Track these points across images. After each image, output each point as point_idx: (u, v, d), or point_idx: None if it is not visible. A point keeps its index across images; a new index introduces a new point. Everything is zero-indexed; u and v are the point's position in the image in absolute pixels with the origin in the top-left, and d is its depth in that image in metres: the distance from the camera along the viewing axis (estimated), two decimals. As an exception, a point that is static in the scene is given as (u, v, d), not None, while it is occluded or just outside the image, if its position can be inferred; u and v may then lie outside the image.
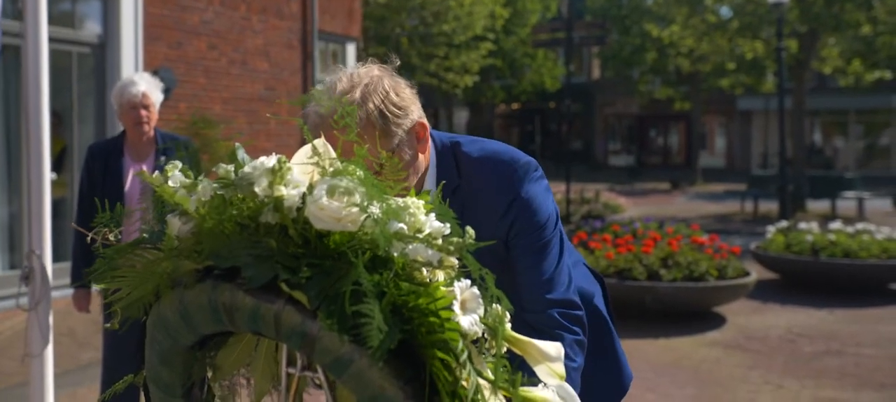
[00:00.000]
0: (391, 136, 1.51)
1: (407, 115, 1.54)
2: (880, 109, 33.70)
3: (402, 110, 1.53)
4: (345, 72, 1.55)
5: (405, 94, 1.56)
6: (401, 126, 1.53)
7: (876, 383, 4.75)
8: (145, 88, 3.44)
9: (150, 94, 3.46)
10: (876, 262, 7.36)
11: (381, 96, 1.52)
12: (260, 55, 10.41)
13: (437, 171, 1.63)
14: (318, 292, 1.09)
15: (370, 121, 1.49)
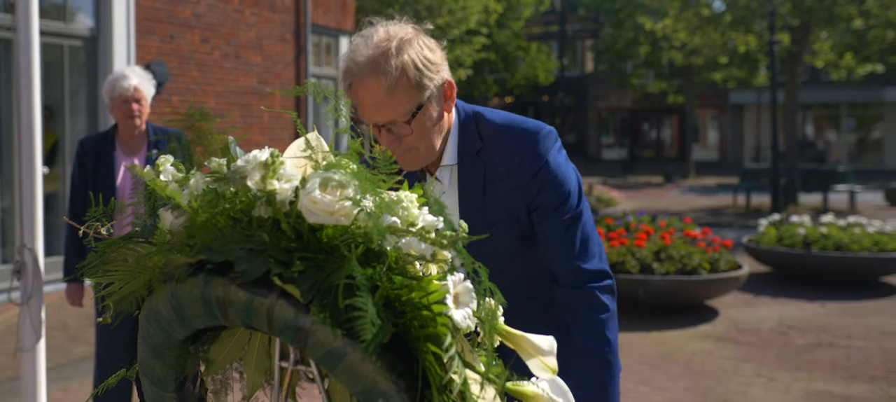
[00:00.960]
0: (423, 89, 1.54)
1: (438, 71, 1.58)
2: (872, 102, 33.82)
3: (434, 65, 1.57)
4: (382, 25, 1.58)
5: (437, 51, 1.60)
6: (432, 80, 1.56)
7: (866, 375, 4.78)
8: (137, 81, 3.44)
9: (142, 87, 3.45)
10: (867, 255, 7.39)
11: (417, 50, 1.55)
12: (253, 48, 10.38)
13: (460, 135, 1.66)
14: (311, 286, 1.09)
15: (405, 72, 1.52)
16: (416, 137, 1.57)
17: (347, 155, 1.33)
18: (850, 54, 18.22)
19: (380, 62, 1.50)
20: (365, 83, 1.51)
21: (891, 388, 4.54)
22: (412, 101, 1.54)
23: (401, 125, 1.55)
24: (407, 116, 1.53)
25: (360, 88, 1.53)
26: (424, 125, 1.57)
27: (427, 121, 1.57)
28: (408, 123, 1.54)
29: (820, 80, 32.95)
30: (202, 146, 7.42)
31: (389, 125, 1.55)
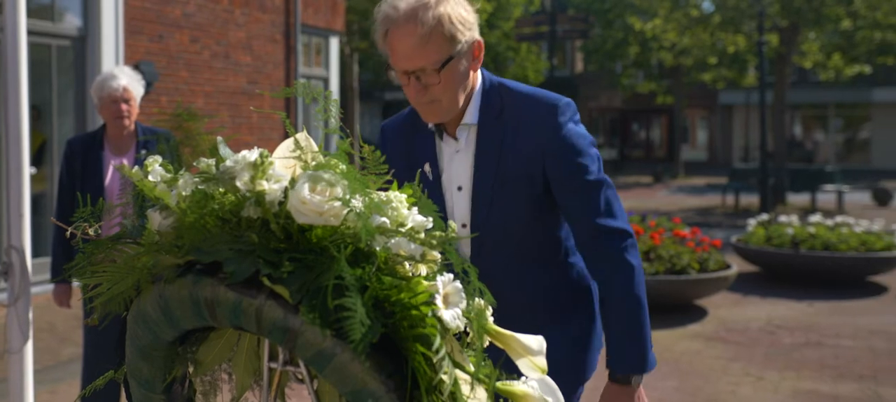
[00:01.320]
0: (455, 42, 1.63)
1: (470, 29, 1.66)
2: (860, 103, 34.02)
3: (467, 23, 1.65)
4: None
5: (471, 12, 1.68)
6: (464, 36, 1.64)
7: (855, 374, 4.81)
8: (126, 81, 3.43)
9: (131, 88, 3.45)
10: (855, 255, 7.43)
11: (453, 5, 1.63)
12: (243, 49, 10.35)
13: (483, 99, 1.74)
14: (300, 287, 1.09)
15: (440, 23, 1.60)
16: (442, 87, 1.64)
17: (337, 155, 1.33)
18: (838, 55, 18.33)
19: (418, 12, 1.59)
20: (401, 30, 1.60)
21: (879, 387, 4.57)
22: (443, 51, 1.61)
23: (430, 73, 1.62)
24: (437, 65, 1.61)
25: (395, 35, 1.61)
26: (452, 77, 1.64)
27: (455, 74, 1.65)
28: (437, 71, 1.61)
29: (808, 80, 33.13)
30: (191, 146, 7.39)
31: (419, 73, 1.63)
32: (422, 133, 1.79)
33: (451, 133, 1.76)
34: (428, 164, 1.78)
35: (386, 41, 1.65)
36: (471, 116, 1.73)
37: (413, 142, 1.81)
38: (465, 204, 1.75)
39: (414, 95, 1.67)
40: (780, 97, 16.89)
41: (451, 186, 1.77)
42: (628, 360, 1.70)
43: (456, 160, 1.76)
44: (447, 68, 1.63)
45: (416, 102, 1.69)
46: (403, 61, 1.62)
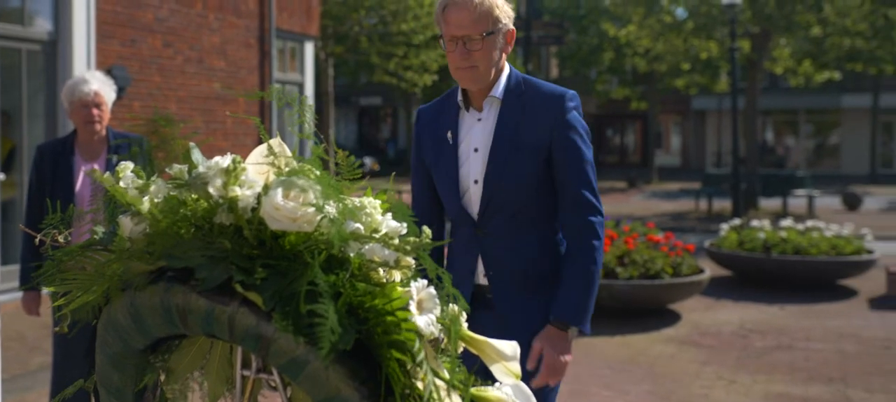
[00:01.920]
0: (497, 22, 2.04)
1: (509, 18, 2.09)
2: (829, 108, 34.52)
3: (506, 12, 2.07)
4: None
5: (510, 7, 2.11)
6: (504, 20, 2.06)
7: (824, 377, 4.87)
8: (97, 86, 3.40)
9: (103, 92, 3.42)
10: (825, 258, 7.53)
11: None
12: (217, 53, 10.28)
13: (508, 81, 2.12)
14: (274, 293, 1.08)
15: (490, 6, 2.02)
16: (481, 55, 2.03)
17: (311, 161, 1.33)
18: (808, 61, 18.58)
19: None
20: (459, 5, 2.01)
21: (848, 389, 4.63)
22: (488, 25, 2.02)
23: (475, 41, 2.01)
24: (482, 34, 2.01)
25: (453, 10, 2.02)
26: (490, 47, 2.04)
27: (493, 45, 2.04)
28: (482, 38, 2.01)
29: (779, 86, 33.57)
30: (164, 152, 7.29)
31: (466, 39, 2.02)
32: (447, 111, 2.18)
33: (476, 105, 2.13)
34: (450, 132, 2.14)
35: (443, 15, 2.05)
36: (498, 91, 2.10)
37: (440, 118, 2.19)
38: (480, 163, 2.09)
39: (458, 60, 2.03)
40: (752, 103, 17.09)
41: (468, 149, 2.12)
42: (571, 310, 2.04)
43: (476, 128, 2.12)
44: (489, 39, 2.02)
45: (458, 67, 2.05)
46: (456, 29, 2.02)
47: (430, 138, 2.19)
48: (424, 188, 2.23)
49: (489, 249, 2.11)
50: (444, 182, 2.15)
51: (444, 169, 2.14)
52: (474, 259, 2.13)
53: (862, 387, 4.66)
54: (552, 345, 2.02)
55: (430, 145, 2.18)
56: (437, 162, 2.16)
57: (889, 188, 25.43)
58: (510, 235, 2.10)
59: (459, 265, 2.14)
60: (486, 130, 2.10)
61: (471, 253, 2.13)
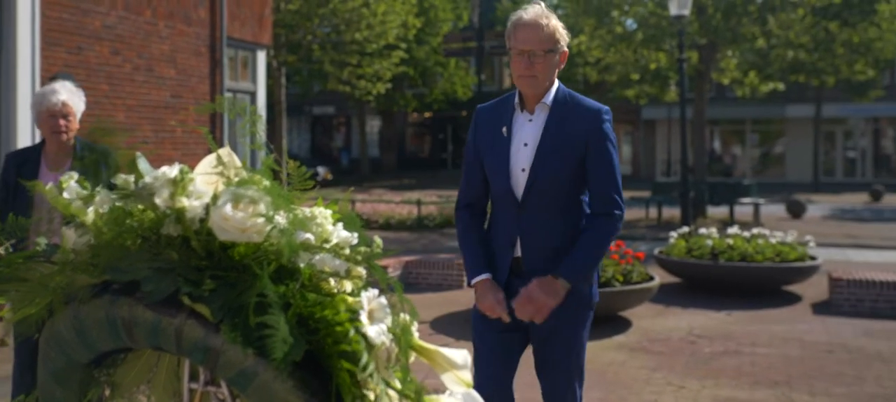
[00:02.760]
0: (556, 43, 2.53)
1: (565, 40, 2.56)
2: (774, 118, 35.40)
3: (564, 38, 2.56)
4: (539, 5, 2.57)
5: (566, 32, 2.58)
6: (561, 43, 2.54)
7: (770, 381, 4.98)
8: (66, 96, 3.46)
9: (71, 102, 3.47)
10: (770, 265, 7.71)
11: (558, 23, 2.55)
12: (166, 62, 10.13)
13: (556, 93, 2.59)
14: (222, 305, 1.07)
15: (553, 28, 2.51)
16: (541, 66, 2.50)
17: (261, 171, 1.32)
18: (753, 73, 19.04)
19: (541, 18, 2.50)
20: (529, 26, 2.49)
21: (792, 392, 4.75)
22: (550, 44, 2.51)
23: (538, 55, 2.49)
24: (545, 49, 2.49)
25: (523, 28, 2.50)
26: (549, 61, 2.51)
27: (551, 61, 2.52)
28: (544, 54, 2.49)
29: (726, 97, 34.31)
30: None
31: (531, 53, 2.49)
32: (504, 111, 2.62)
33: (529, 108, 2.59)
34: (505, 127, 2.59)
35: (513, 32, 2.53)
36: (548, 99, 2.57)
37: (497, 117, 2.63)
38: (529, 155, 2.54)
39: (522, 69, 2.51)
40: (700, 113, 17.44)
41: (519, 143, 2.56)
42: (567, 266, 2.48)
43: (527, 126, 2.57)
44: (549, 55, 2.50)
45: (521, 75, 2.53)
46: (524, 44, 2.50)
47: (487, 131, 2.63)
48: (478, 171, 2.64)
49: (527, 225, 2.55)
50: (496, 167, 2.58)
51: (497, 157, 2.58)
52: (515, 234, 2.56)
53: (806, 390, 4.78)
54: (540, 285, 2.47)
55: (486, 137, 2.62)
56: (492, 150, 2.59)
57: (831, 196, 26.17)
58: (545, 215, 2.55)
59: (501, 239, 2.60)
60: (536, 129, 2.56)
61: (511, 228, 2.57)
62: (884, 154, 35.58)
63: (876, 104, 31.69)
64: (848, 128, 35.34)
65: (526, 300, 2.46)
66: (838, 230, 15.03)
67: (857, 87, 27.29)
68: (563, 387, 2.62)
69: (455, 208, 2.72)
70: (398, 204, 16.98)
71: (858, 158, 35.52)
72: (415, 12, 26.32)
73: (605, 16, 17.56)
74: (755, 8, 16.36)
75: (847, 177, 35.06)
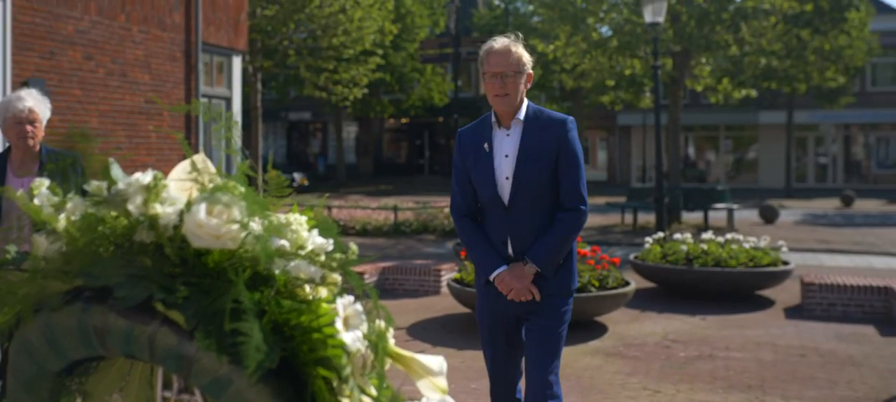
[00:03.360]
0: (524, 65, 2.95)
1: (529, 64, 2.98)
2: (747, 124, 35.80)
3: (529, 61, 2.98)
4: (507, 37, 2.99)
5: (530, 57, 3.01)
6: (528, 66, 2.97)
7: (743, 385, 5.03)
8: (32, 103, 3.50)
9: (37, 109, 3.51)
10: (744, 270, 7.78)
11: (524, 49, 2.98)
12: (140, 67, 10.04)
13: (527, 109, 3.00)
14: (196, 312, 1.06)
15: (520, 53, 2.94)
16: (512, 86, 2.92)
17: (235, 177, 1.31)
18: (726, 80, 19.23)
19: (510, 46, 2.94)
20: (499, 52, 2.92)
21: (765, 396, 4.80)
22: (518, 67, 2.93)
23: (509, 76, 2.91)
24: (514, 71, 2.91)
25: (495, 54, 2.93)
26: (518, 82, 2.93)
27: (520, 82, 2.95)
28: (514, 74, 2.91)
29: (700, 103, 34.64)
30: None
31: (503, 75, 2.90)
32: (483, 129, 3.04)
33: (505, 125, 3.00)
34: (487, 143, 3.01)
35: (486, 58, 2.95)
36: (520, 115, 2.99)
37: (477, 136, 3.05)
38: (510, 165, 2.96)
39: (496, 89, 2.92)
40: (675, 119, 17.59)
41: (501, 156, 2.98)
42: (535, 253, 2.93)
43: (506, 140, 2.99)
44: (518, 75, 2.93)
45: (495, 95, 2.93)
46: (496, 67, 2.91)
47: (471, 149, 3.05)
48: (468, 184, 3.06)
49: (514, 224, 2.97)
50: (483, 178, 2.99)
51: (483, 169, 2.99)
52: (505, 234, 2.99)
53: (778, 394, 4.83)
54: (511, 271, 2.95)
55: (470, 154, 3.04)
56: (477, 164, 3.01)
57: (803, 202, 26.49)
58: (529, 214, 2.96)
59: (493, 239, 3.01)
60: (514, 141, 2.98)
61: (501, 229, 2.99)
62: (854, 160, 36.10)
63: (846, 111, 32.17)
64: (819, 134, 35.83)
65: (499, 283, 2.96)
66: (810, 235, 15.22)
67: (828, 94, 27.67)
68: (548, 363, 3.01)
69: (455, 218, 3.14)
70: (375, 210, 16.94)
71: (830, 164, 36.01)
72: (391, 18, 26.32)
73: (580, 23, 17.66)
74: (728, 15, 16.54)
75: (818, 183, 35.54)
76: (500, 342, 3.10)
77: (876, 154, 35.87)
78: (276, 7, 20.10)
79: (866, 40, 25.93)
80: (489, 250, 3.00)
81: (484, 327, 3.13)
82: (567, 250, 3.00)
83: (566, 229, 2.95)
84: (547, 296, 2.98)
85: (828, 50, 23.90)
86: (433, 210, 16.64)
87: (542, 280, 2.98)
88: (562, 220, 2.96)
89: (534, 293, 2.96)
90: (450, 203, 3.16)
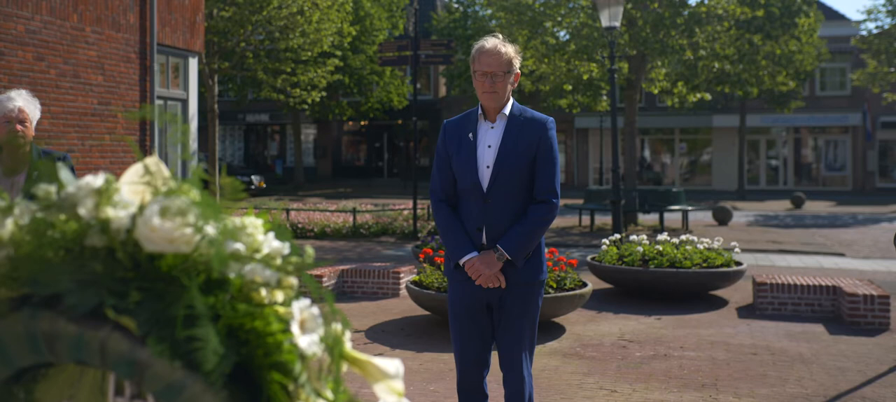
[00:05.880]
0: (512, 65, 3.13)
1: (518, 64, 3.17)
2: (702, 128, 36.41)
3: (517, 59, 3.16)
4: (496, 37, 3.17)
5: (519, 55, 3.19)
6: (516, 65, 3.14)
7: (697, 383, 5.12)
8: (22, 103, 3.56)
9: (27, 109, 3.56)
10: (698, 271, 7.92)
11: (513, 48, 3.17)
12: (94, 68, 9.85)
13: (512, 106, 3.19)
14: (149, 317, 1.05)
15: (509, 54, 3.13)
16: (500, 84, 3.11)
17: (190, 181, 1.30)
18: (681, 83, 19.54)
19: (499, 46, 3.11)
20: (490, 52, 3.10)
21: (718, 394, 4.89)
22: (507, 66, 3.11)
23: (498, 75, 3.09)
24: (503, 70, 3.10)
25: (485, 54, 3.11)
26: (506, 80, 3.12)
27: (508, 80, 3.13)
28: (503, 74, 3.10)
29: (656, 106, 35.13)
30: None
31: (493, 74, 3.09)
32: (469, 122, 3.21)
33: (491, 119, 3.18)
34: (471, 134, 3.18)
35: (477, 57, 3.13)
36: (506, 111, 3.17)
37: (462, 127, 3.22)
38: (493, 155, 3.13)
39: (486, 87, 3.10)
40: (631, 122, 17.81)
41: (484, 146, 3.16)
42: (506, 242, 3.08)
43: (490, 132, 3.17)
44: (507, 74, 3.11)
45: (485, 91, 3.11)
46: (487, 67, 3.10)
47: (454, 138, 3.21)
48: (448, 170, 3.20)
49: (491, 211, 3.12)
50: (464, 166, 3.14)
51: (465, 157, 3.15)
52: (481, 222, 3.13)
53: (731, 392, 4.92)
54: (481, 259, 3.09)
55: (454, 142, 3.19)
56: (460, 152, 3.16)
57: (755, 203, 27.03)
58: (505, 202, 3.12)
59: (469, 226, 3.15)
60: (497, 134, 3.16)
61: (478, 217, 3.14)
62: (804, 163, 36.96)
63: (796, 115, 32.93)
64: (771, 137, 36.61)
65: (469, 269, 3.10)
66: (762, 236, 15.54)
67: (779, 98, 28.29)
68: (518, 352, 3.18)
69: (433, 201, 3.26)
70: (334, 213, 16.85)
71: (780, 166, 36.81)
72: (350, 20, 26.22)
73: (538, 27, 17.80)
74: (683, 20, 16.81)
75: (770, 185, 36.30)
76: (469, 327, 3.19)
77: (825, 157, 36.78)
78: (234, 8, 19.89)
79: (815, 46, 26.59)
80: (462, 236, 3.13)
81: (454, 314, 3.22)
82: (537, 242, 3.14)
83: (538, 220, 3.10)
84: (515, 285, 3.12)
85: (779, 55, 24.42)
86: (392, 213, 16.61)
87: (510, 269, 3.10)
88: (534, 211, 3.11)
89: (501, 281, 3.09)
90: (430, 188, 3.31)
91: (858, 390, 5.00)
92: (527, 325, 3.20)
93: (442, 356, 5.70)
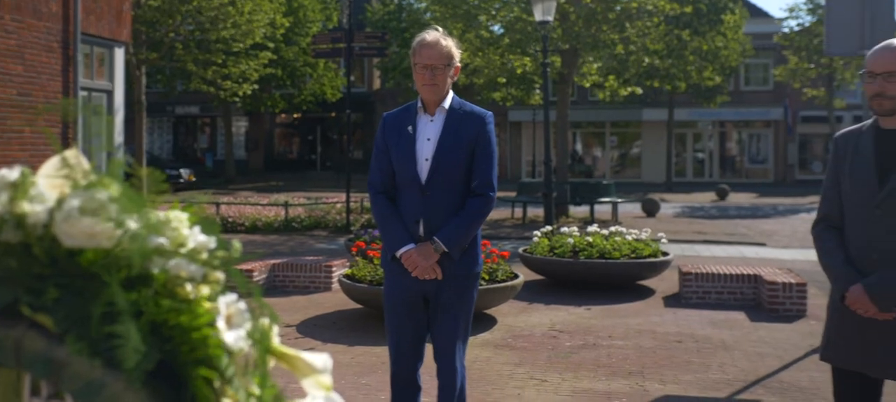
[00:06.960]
0: (452, 58, 3.17)
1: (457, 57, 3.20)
2: (632, 121, 37.17)
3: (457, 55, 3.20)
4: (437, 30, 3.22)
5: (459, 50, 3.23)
6: (455, 58, 3.19)
7: (625, 371, 5.24)
8: None
9: None
10: (626, 261, 8.10)
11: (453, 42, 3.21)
12: (13, 57, 9.49)
13: (451, 100, 3.23)
14: (67, 315, 1.03)
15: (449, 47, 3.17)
16: (440, 77, 3.14)
17: (111, 174, 1.28)
18: (613, 77, 19.91)
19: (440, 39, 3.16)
20: (430, 45, 3.14)
21: (645, 382, 5.02)
22: (447, 60, 3.15)
23: (438, 68, 3.13)
24: (443, 63, 3.13)
25: (426, 48, 3.14)
26: (446, 73, 3.15)
27: (448, 72, 3.16)
28: (443, 67, 3.13)
29: (587, 100, 35.70)
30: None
31: (433, 67, 3.11)
32: (409, 115, 3.24)
33: (430, 112, 3.22)
34: (411, 126, 3.20)
35: (419, 50, 3.15)
36: (445, 104, 3.21)
37: (402, 120, 3.24)
38: (432, 148, 3.16)
39: (426, 79, 3.13)
40: (563, 116, 18.06)
41: (423, 139, 3.18)
42: (444, 234, 3.12)
43: (430, 125, 3.20)
44: (447, 68, 3.15)
45: (425, 84, 3.14)
46: (427, 59, 3.12)
47: (394, 131, 3.22)
48: (387, 163, 3.22)
49: (429, 204, 3.15)
50: (403, 158, 3.16)
51: (404, 150, 3.16)
52: (419, 214, 3.16)
53: (657, 379, 5.06)
54: (419, 250, 3.12)
55: (393, 135, 3.21)
56: (398, 145, 3.18)
57: (682, 195, 27.75)
58: (443, 195, 3.15)
59: (407, 219, 3.17)
60: (437, 127, 3.19)
61: (416, 209, 3.16)
62: (729, 156, 38.12)
63: (722, 109, 33.91)
64: (697, 131, 37.61)
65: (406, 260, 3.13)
66: (688, 227, 15.97)
67: (706, 92, 29.08)
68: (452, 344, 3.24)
69: (371, 193, 3.28)
70: (265, 206, 16.63)
71: (707, 159, 37.88)
72: (283, 12, 25.86)
73: (473, 20, 17.88)
74: (614, 15, 17.11)
75: (696, 177, 37.32)
76: (405, 319, 3.22)
77: (748, 150, 38.00)
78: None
79: (740, 42, 27.41)
80: (400, 228, 3.15)
81: (389, 306, 3.25)
82: (473, 234, 3.20)
83: (475, 213, 3.14)
84: (451, 277, 3.16)
85: (705, 50, 25.12)
86: (325, 206, 16.48)
87: (447, 261, 3.14)
88: (472, 204, 3.15)
89: (437, 273, 3.12)
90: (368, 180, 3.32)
91: (776, 374, 5.20)
92: (462, 317, 3.24)
93: (374, 350, 5.70)
